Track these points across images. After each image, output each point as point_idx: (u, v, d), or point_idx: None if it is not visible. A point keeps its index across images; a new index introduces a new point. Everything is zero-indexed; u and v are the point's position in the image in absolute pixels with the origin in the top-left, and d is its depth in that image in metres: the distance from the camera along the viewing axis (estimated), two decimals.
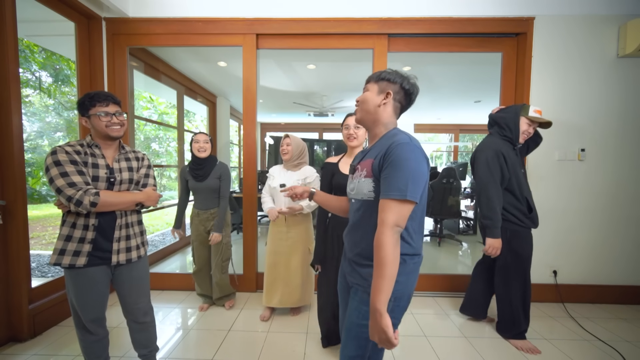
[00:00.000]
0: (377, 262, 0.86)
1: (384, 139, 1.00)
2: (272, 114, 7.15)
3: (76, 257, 1.27)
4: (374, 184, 0.95)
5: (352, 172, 1.07)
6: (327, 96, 5.49)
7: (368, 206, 0.98)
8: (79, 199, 1.18)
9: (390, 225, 0.86)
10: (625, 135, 2.48)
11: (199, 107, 5.21)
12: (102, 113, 1.28)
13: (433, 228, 4.86)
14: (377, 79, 1.03)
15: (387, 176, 0.89)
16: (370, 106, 1.02)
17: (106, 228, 1.31)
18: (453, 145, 8.53)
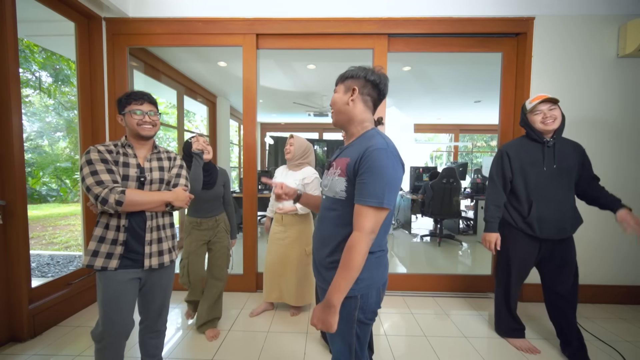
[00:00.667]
0: (345, 264, 0.89)
1: (361, 139, 1.01)
2: (272, 114, 7.15)
3: (108, 260, 1.23)
4: (346, 184, 0.96)
5: (328, 168, 1.08)
6: (327, 96, 5.48)
7: (339, 205, 0.98)
8: (105, 197, 1.15)
9: (366, 232, 0.88)
10: (625, 135, 2.48)
11: (199, 107, 5.22)
12: (136, 111, 1.27)
13: (433, 228, 4.86)
14: (342, 78, 1.05)
15: (364, 182, 0.90)
16: (340, 106, 1.03)
17: (137, 230, 1.27)
18: (453, 145, 8.53)
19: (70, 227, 5.90)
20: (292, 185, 2.13)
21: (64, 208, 7.30)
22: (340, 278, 0.89)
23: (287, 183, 2.13)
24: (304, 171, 2.21)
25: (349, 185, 0.95)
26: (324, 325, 0.90)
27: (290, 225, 2.21)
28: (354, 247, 0.88)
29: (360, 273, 0.92)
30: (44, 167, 7.13)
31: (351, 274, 0.88)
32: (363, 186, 0.90)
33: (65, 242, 5.04)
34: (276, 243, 2.24)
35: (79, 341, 1.93)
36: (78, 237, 5.18)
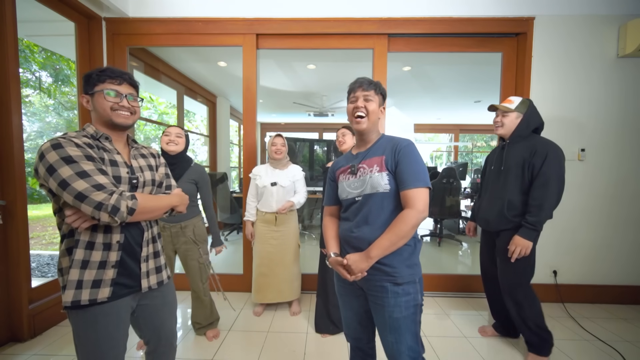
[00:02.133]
0: (396, 234, 1.02)
1: (383, 141, 1.16)
2: (272, 114, 7.15)
3: (97, 289, 0.94)
4: (388, 177, 1.08)
5: (354, 172, 1.15)
6: (327, 96, 5.49)
7: (382, 198, 1.08)
8: (115, 204, 0.88)
9: (421, 210, 1.02)
10: (625, 135, 2.48)
11: (199, 107, 5.22)
12: (109, 92, 0.97)
13: (433, 228, 4.86)
14: (376, 90, 1.15)
15: (408, 170, 1.05)
16: (375, 117, 1.15)
17: (133, 245, 1.02)
18: (453, 145, 8.53)
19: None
20: (285, 182, 2.20)
21: None
22: (386, 239, 1.03)
23: (280, 181, 2.18)
24: (291, 169, 2.27)
25: (391, 178, 1.08)
26: (359, 270, 1.06)
27: (283, 224, 2.23)
28: (406, 220, 1.02)
29: (417, 257, 1.11)
30: None
31: (398, 242, 1.03)
32: (408, 174, 1.05)
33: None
34: (269, 243, 2.22)
35: None
36: None
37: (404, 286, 1.07)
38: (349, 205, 1.17)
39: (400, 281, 1.06)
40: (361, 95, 1.14)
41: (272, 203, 2.20)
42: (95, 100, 0.98)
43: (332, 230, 1.26)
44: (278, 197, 2.19)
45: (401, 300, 1.06)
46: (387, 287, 1.07)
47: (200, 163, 2.15)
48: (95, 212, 0.87)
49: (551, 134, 2.48)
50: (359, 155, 1.18)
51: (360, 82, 1.15)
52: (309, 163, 6.73)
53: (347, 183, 1.17)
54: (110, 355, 0.98)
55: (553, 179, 1.66)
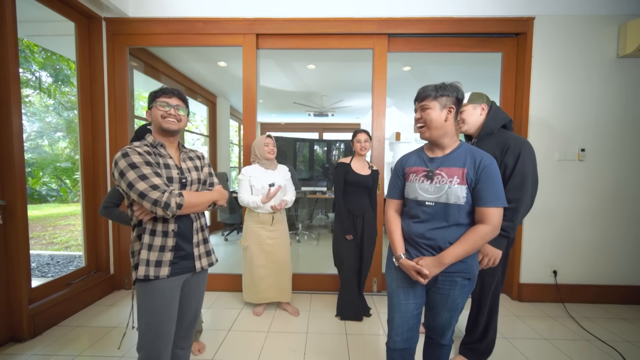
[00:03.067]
0: (471, 245, 1.12)
1: (462, 151, 1.18)
2: (272, 114, 7.15)
3: (159, 268, 1.17)
4: (467, 191, 1.13)
5: (430, 177, 1.19)
6: (327, 96, 5.49)
7: (457, 208, 1.14)
8: (167, 201, 1.08)
9: (496, 227, 1.12)
10: (625, 135, 2.48)
11: (199, 107, 5.22)
12: (162, 103, 1.20)
13: None
14: (435, 96, 1.16)
15: (489, 189, 1.11)
16: (437, 123, 1.16)
17: (185, 233, 1.24)
18: None
19: (70, 227, 5.90)
20: (281, 182, 2.24)
21: (64, 208, 7.30)
22: (460, 249, 1.12)
23: (277, 181, 2.21)
24: (281, 169, 2.33)
25: (469, 192, 1.13)
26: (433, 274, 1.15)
27: (277, 223, 2.27)
28: (482, 235, 1.11)
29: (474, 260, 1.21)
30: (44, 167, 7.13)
31: (470, 250, 1.13)
32: (489, 192, 1.11)
33: (65, 242, 5.04)
34: (266, 243, 2.24)
35: (79, 341, 1.93)
36: (78, 237, 5.18)
37: (472, 280, 1.20)
38: (418, 206, 1.21)
39: (472, 277, 1.19)
40: (418, 107, 1.21)
41: (270, 203, 2.20)
42: (152, 112, 1.22)
43: (398, 229, 1.30)
44: (276, 197, 2.21)
45: (466, 290, 1.20)
46: (458, 281, 1.18)
47: None
48: (153, 207, 1.08)
49: (551, 134, 2.49)
50: (435, 161, 1.20)
51: (417, 94, 1.22)
52: (309, 163, 6.73)
53: (419, 185, 1.21)
54: (165, 321, 1.19)
55: (529, 180, 1.47)
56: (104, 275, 2.56)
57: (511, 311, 2.41)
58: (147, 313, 1.18)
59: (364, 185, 2.20)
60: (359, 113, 6.66)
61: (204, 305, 2.41)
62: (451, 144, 1.20)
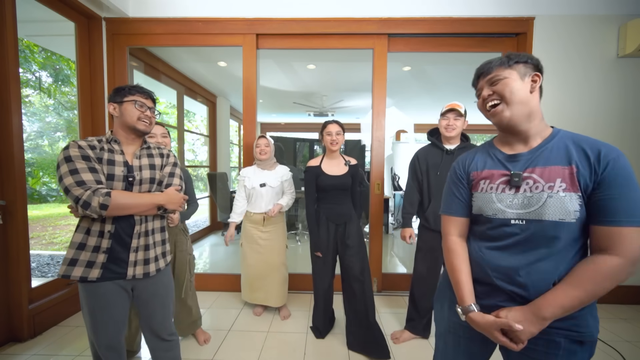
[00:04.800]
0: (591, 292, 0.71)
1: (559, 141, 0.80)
2: (272, 114, 7.16)
3: (89, 269, 1.10)
4: (580, 201, 0.74)
5: (516, 184, 0.80)
6: (327, 96, 5.49)
7: (564, 229, 0.74)
8: (87, 199, 1.01)
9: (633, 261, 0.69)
10: (625, 134, 2.48)
11: (199, 107, 5.22)
12: (139, 103, 1.16)
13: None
14: (508, 62, 0.81)
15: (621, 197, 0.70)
16: (522, 96, 0.79)
17: (123, 236, 1.14)
18: None
19: (70, 227, 5.90)
20: (274, 183, 2.19)
21: (64, 208, 7.30)
22: (573, 298, 0.71)
23: (268, 182, 2.17)
24: (279, 170, 2.27)
25: (583, 203, 0.74)
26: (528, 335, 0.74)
27: (271, 224, 2.24)
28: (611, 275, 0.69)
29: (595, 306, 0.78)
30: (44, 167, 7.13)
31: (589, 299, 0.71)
32: (622, 202, 0.70)
33: (65, 242, 5.04)
34: (257, 244, 2.22)
35: (79, 341, 1.93)
36: None
37: (586, 345, 0.77)
38: (497, 225, 0.82)
39: (584, 338, 0.76)
40: (484, 83, 0.86)
41: (261, 204, 2.19)
42: (123, 109, 1.16)
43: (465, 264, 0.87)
44: (268, 198, 2.19)
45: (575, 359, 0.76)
46: (561, 343, 0.77)
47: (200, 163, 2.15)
48: (74, 204, 1.04)
49: None
50: (520, 158, 0.82)
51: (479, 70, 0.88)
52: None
53: (498, 196, 0.82)
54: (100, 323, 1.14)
55: None
56: None
57: None
58: (85, 316, 1.15)
59: (341, 188, 1.92)
60: (359, 113, 6.66)
61: (204, 305, 2.41)
62: (540, 132, 0.82)
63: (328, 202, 1.93)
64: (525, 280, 0.77)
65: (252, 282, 2.26)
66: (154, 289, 1.24)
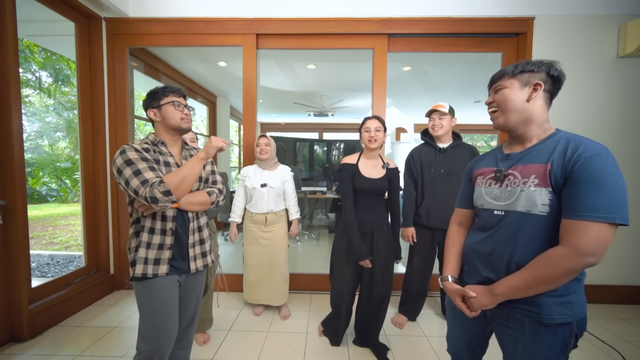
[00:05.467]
0: (535, 277, 0.79)
1: (550, 141, 0.86)
2: (272, 114, 7.15)
3: (157, 266, 1.16)
4: (551, 195, 0.80)
5: (500, 179, 0.92)
6: (327, 96, 5.49)
7: (536, 223, 0.83)
8: (150, 195, 1.05)
9: (584, 254, 0.74)
10: (625, 134, 2.48)
11: (199, 107, 5.22)
12: (176, 102, 1.20)
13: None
14: (513, 73, 0.89)
15: (583, 192, 0.75)
16: (516, 105, 0.88)
17: (181, 233, 1.22)
18: None
19: (70, 227, 5.90)
20: (275, 183, 2.18)
21: (64, 208, 7.30)
22: (520, 279, 0.82)
23: (269, 183, 2.16)
24: (280, 170, 2.26)
25: (554, 198, 0.80)
26: (480, 306, 0.90)
27: (273, 224, 2.23)
28: (555, 262, 0.76)
29: (574, 295, 0.83)
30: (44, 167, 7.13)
31: (535, 283, 0.80)
32: (583, 198, 0.75)
33: (65, 242, 5.04)
34: (259, 243, 2.22)
35: (79, 341, 1.93)
36: (78, 237, 5.18)
37: (552, 328, 0.83)
38: (485, 216, 0.96)
39: (547, 322, 0.83)
40: (492, 90, 0.96)
41: (262, 204, 2.18)
42: (164, 112, 1.20)
43: (454, 246, 1.06)
44: (269, 198, 2.18)
45: (544, 340, 0.84)
46: (526, 322, 0.86)
47: None
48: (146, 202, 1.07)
49: None
50: (511, 157, 0.92)
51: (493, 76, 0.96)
52: (309, 163, 6.73)
53: (486, 190, 0.95)
54: (165, 320, 1.17)
55: None
56: (104, 275, 2.56)
57: None
58: (147, 312, 1.16)
59: (375, 193, 1.73)
60: (359, 113, 6.66)
61: None
62: (539, 134, 0.89)
63: (356, 207, 1.73)
64: (495, 264, 0.90)
65: (254, 283, 2.26)
66: (192, 285, 1.30)
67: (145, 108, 1.23)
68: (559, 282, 0.78)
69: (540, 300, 0.83)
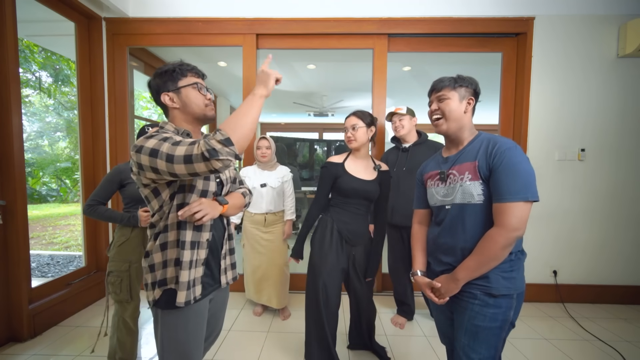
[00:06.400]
0: (483, 255, 0.95)
1: (476, 142, 1.05)
2: (272, 114, 7.16)
3: (193, 288, 0.93)
4: (482, 187, 0.98)
5: (444, 179, 1.08)
6: (327, 96, 5.49)
7: (476, 209, 1.00)
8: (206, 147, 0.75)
9: (511, 229, 0.91)
10: (625, 134, 2.48)
11: None
12: (200, 85, 0.94)
13: None
14: (454, 85, 1.08)
15: (503, 179, 0.93)
16: (457, 114, 1.06)
17: (216, 243, 1.02)
18: None
19: (70, 227, 5.90)
20: (274, 183, 2.19)
21: (64, 208, 7.30)
22: (472, 260, 0.97)
23: (269, 183, 2.17)
24: (279, 170, 2.27)
25: (486, 188, 0.98)
26: (448, 293, 1.02)
27: (274, 224, 2.23)
28: (493, 240, 0.93)
29: (516, 272, 0.99)
30: (44, 167, 7.13)
31: (487, 265, 0.95)
32: (503, 184, 0.93)
33: (65, 242, 5.04)
34: (259, 244, 2.21)
35: (79, 341, 1.93)
36: (78, 237, 5.18)
37: (498, 299, 0.97)
38: (438, 212, 1.11)
39: (495, 292, 0.97)
40: (434, 97, 1.11)
41: (262, 204, 2.19)
42: (185, 96, 0.93)
43: (418, 242, 1.20)
44: (268, 198, 2.19)
45: (488, 311, 0.98)
46: (477, 294, 0.99)
47: None
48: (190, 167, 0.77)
49: (551, 134, 2.49)
50: (449, 160, 1.09)
51: (433, 85, 1.13)
52: (309, 163, 6.74)
53: (435, 190, 1.11)
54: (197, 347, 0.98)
55: None
56: (104, 276, 2.56)
57: None
58: (177, 342, 0.94)
59: (367, 196, 1.56)
60: None
61: None
62: (468, 137, 1.08)
63: (345, 213, 1.57)
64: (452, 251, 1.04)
65: (255, 283, 2.26)
66: (222, 301, 1.13)
67: (157, 92, 0.95)
68: (500, 256, 0.94)
69: (489, 275, 0.98)
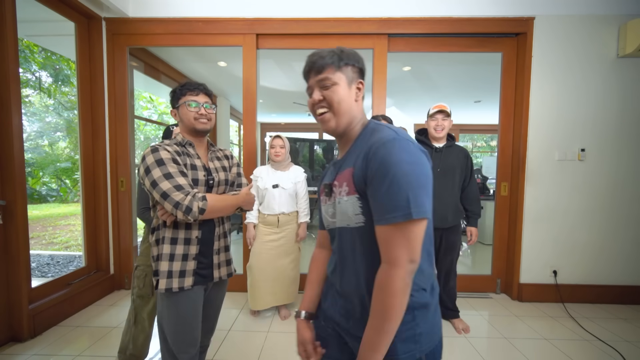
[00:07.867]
0: (380, 313, 0.63)
1: (360, 140, 0.74)
2: (272, 114, 7.15)
3: (183, 279, 1.09)
4: (360, 202, 0.67)
5: (329, 192, 0.77)
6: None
7: (358, 235, 0.69)
8: (189, 205, 1.00)
9: (399, 264, 0.61)
10: (625, 134, 2.48)
11: None
12: (191, 103, 1.13)
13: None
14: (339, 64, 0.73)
15: (378, 193, 0.63)
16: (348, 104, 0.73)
17: (207, 240, 1.16)
18: None
19: (70, 227, 5.90)
20: (287, 185, 2.17)
21: (64, 208, 7.30)
22: (376, 332, 0.63)
23: (281, 184, 2.16)
24: (293, 170, 2.24)
25: (365, 204, 0.67)
26: None
27: (287, 225, 2.22)
28: (387, 287, 0.62)
29: (422, 323, 0.68)
30: (44, 167, 7.14)
31: (390, 324, 0.62)
32: (378, 199, 0.63)
33: (65, 242, 5.04)
34: (269, 245, 2.19)
35: (79, 341, 1.93)
36: (78, 237, 5.18)
37: None
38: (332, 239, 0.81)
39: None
40: (315, 82, 0.74)
41: (274, 205, 2.17)
42: (181, 112, 1.15)
43: (312, 272, 0.89)
44: (280, 199, 2.17)
45: None
46: None
47: None
48: (173, 209, 1.00)
49: (551, 134, 2.49)
50: (337, 165, 0.79)
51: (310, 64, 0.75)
52: (309, 163, 6.73)
53: (324, 207, 0.81)
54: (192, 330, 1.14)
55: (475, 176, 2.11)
56: (104, 275, 2.56)
57: (511, 311, 2.41)
58: (172, 324, 1.11)
59: None
60: None
61: None
62: (355, 135, 0.77)
63: None
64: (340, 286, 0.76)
65: (261, 286, 2.20)
66: (215, 293, 1.27)
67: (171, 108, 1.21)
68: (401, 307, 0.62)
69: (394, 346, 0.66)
